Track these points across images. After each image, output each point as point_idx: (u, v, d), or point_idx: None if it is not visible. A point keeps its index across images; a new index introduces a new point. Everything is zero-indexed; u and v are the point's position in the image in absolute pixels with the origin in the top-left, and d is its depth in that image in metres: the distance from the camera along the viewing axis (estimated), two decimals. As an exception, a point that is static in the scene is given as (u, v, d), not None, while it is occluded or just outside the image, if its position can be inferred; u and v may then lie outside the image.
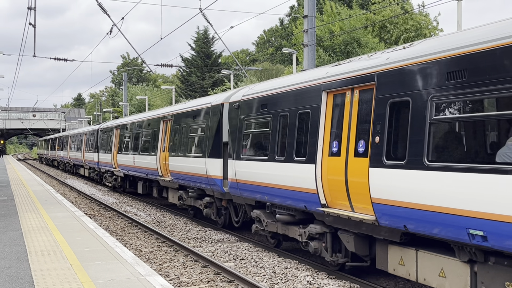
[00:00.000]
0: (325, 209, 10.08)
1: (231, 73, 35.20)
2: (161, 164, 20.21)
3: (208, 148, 15.54)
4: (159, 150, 20.44)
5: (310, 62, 19.42)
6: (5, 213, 15.74)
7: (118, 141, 28.06)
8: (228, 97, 15.09)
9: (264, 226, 12.80)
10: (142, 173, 23.14)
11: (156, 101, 67.34)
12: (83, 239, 11.51)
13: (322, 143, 10.23)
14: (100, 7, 21.38)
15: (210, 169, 15.32)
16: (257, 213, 13.12)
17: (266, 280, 10.46)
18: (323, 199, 10.22)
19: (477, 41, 7.16)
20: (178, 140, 18.42)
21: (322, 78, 10.50)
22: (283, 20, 73.69)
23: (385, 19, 40.37)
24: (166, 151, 19.72)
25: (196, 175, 16.42)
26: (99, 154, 32.93)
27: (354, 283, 10.06)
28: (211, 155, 15.34)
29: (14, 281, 7.94)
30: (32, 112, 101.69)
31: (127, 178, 27.65)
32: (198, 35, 66.60)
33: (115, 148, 28.62)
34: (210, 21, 24.76)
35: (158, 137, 20.76)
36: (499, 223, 6.54)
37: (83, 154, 39.12)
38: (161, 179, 20.29)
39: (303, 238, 11.19)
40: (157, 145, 20.77)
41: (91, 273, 8.45)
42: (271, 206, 12.47)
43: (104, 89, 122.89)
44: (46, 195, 21.67)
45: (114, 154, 28.66)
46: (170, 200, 20.34)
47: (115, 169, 28.68)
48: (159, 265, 11.87)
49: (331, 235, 10.49)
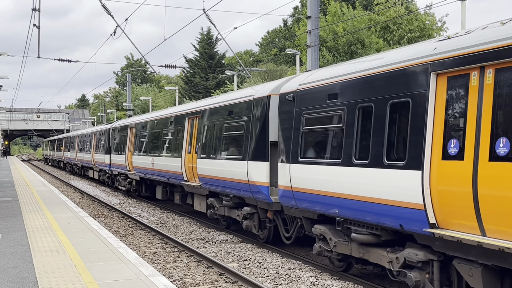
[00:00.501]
0: (436, 231, 7.63)
1: (234, 74, 35.21)
2: (187, 167, 17.87)
3: (249, 149, 13.23)
4: (184, 151, 18.11)
5: (314, 62, 19.42)
6: (9, 214, 15.79)
7: (133, 141, 25.82)
8: (276, 88, 12.73)
9: (332, 247, 10.27)
10: (163, 177, 20.71)
11: (159, 102, 67.42)
12: (87, 240, 11.53)
13: (431, 143, 7.85)
14: (104, 8, 21.44)
15: (253, 174, 12.97)
16: (320, 230, 10.61)
17: (269, 281, 10.45)
18: (432, 218, 7.74)
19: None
20: (208, 140, 16.07)
21: (429, 56, 8.03)
22: (286, 21, 73.69)
23: (389, 19, 40.34)
24: (193, 152, 17.43)
25: (233, 180, 14.11)
26: (111, 156, 30.65)
27: (358, 284, 10.04)
28: (253, 157, 13.06)
29: (18, 282, 7.96)
30: (36, 113, 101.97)
31: (143, 181, 25.28)
32: (202, 36, 66.72)
33: (130, 149, 26.38)
34: (214, 22, 24.79)
35: (183, 137, 18.41)
36: None
37: (93, 155, 36.99)
38: (186, 184, 17.88)
39: (394, 266, 8.75)
40: (181, 146, 18.46)
41: (95, 273, 8.47)
42: (342, 222, 9.92)
43: (108, 90, 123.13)
44: (50, 196, 21.72)
45: (128, 155, 26.39)
46: (197, 208, 17.90)
47: (129, 172, 26.33)
48: (163, 265, 11.88)
49: (440, 264, 8.01)
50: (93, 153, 36.83)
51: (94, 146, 36.91)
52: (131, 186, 26.92)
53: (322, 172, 10.33)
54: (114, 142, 30.47)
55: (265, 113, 12.72)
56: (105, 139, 32.87)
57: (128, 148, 26.62)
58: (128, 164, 26.47)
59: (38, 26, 21.92)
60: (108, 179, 33.41)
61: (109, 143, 31.64)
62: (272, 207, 12.58)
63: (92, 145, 37.45)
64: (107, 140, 32.21)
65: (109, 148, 31.44)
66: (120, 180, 29.14)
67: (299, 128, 11.23)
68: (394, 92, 8.62)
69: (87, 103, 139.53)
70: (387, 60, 9.00)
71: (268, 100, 12.74)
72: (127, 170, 26.81)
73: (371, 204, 8.90)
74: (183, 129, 18.48)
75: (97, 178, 37.30)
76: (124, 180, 28.11)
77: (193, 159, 17.33)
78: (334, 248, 10.21)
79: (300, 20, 52.41)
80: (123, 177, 28.54)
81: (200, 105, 17.66)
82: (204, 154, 16.27)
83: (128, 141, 26.87)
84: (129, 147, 26.60)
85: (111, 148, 30.89)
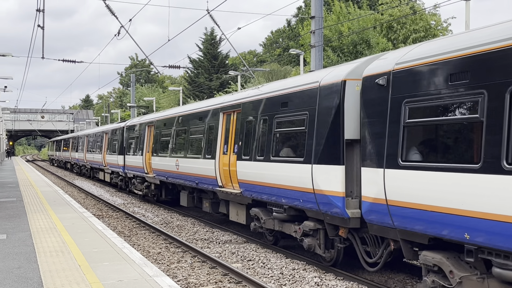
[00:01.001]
0: None
1: (238, 74, 35.23)
2: (222, 171, 15.38)
3: (315, 150, 10.59)
4: (219, 152, 15.62)
5: (318, 63, 19.41)
6: (14, 214, 15.83)
7: (152, 140, 23.07)
8: (354, 70, 10.11)
9: (455, 284, 7.58)
10: (190, 181, 18.02)
11: (162, 103, 67.53)
12: (91, 240, 11.55)
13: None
14: (108, 9, 21.48)
15: (320, 181, 10.40)
16: (434, 259, 7.94)
17: (273, 281, 10.45)
18: None
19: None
20: (253, 138, 13.45)
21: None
22: (290, 21, 73.68)
23: (393, 19, 40.29)
24: (230, 153, 14.89)
25: (290, 188, 11.52)
26: (126, 156, 28.03)
27: (362, 284, 10.03)
28: (321, 159, 10.40)
29: (23, 282, 7.98)
30: (40, 114, 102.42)
31: (163, 185, 22.74)
32: (205, 37, 66.82)
33: (148, 149, 23.74)
34: (218, 22, 24.79)
35: (217, 135, 15.87)
36: None
37: (104, 156, 34.22)
38: (221, 191, 15.33)
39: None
40: (215, 146, 15.91)
41: (99, 273, 8.48)
42: (476, 251, 7.25)
43: (112, 90, 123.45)
44: (55, 196, 21.76)
45: (146, 156, 23.82)
46: (233, 219, 15.41)
47: (147, 175, 23.56)
48: (167, 266, 11.89)
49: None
50: (104, 154, 34.32)
51: (105, 146, 34.29)
52: (149, 190, 24.21)
53: (443, 182, 7.59)
54: (129, 141, 27.84)
55: (338, 103, 10.04)
56: (118, 138, 30.12)
57: (146, 149, 24.01)
58: (146, 166, 23.95)
59: (43, 26, 21.98)
60: (121, 181, 30.60)
61: (123, 143, 28.95)
62: (348, 223, 9.88)
63: (103, 145, 34.85)
64: (120, 139, 29.49)
65: (123, 148, 28.75)
66: (136, 183, 26.32)
67: (398, 122, 8.55)
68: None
69: (91, 103, 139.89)
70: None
71: (342, 86, 10.08)
72: (144, 172, 24.17)
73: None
74: (217, 125, 15.91)
75: (108, 181, 34.64)
76: (141, 183, 25.44)
77: (230, 161, 14.79)
78: (459, 286, 7.52)
79: (304, 20, 52.40)
80: (139, 180, 25.77)
81: (240, 97, 14.89)
82: (247, 156, 13.65)
83: (146, 141, 24.17)
84: (147, 147, 23.96)
85: (126, 148, 28.30)
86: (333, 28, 38.79)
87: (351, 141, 9.95)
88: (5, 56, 32.59)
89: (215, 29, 65.76)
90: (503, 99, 6.74)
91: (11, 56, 32.62)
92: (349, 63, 11.12)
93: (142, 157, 24.27)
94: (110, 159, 32.16)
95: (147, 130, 24.20)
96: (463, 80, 7.44)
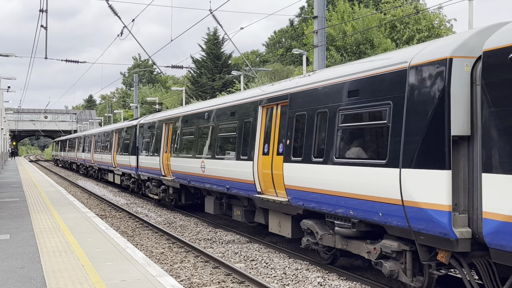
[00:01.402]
0: None
1: (241, 74, 35.22)
2: (261, 174, 13.24)
3: (405, 150, 8.28)
4: (257, 152, 13.43)
5: (321, 62, 19.41)
6: (17, 214, 15.86)
7: (171, 139, 20.81)
8: (464, 45, 7.78)
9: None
10: (219, 186, 15.74)
11: (166, 103, 67.60)
12: (95, 240, 11.56)
13: None
14: (110, 9, 21.49)
15: (413, 190, 8.11)
16: None
17: (276, 281, 10.44)
18: None
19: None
20: (306, 135, 11.13)
21: None
22: (293, 21, 73.68)
23: (396, 18, 40.27)
24: (272, 153, 12.71)
25: (364, 198, 9.19)
26: (139, 157, 25.60)
27: (365, 284, 10.01)
28: (415, 162, 8.11)
29: (26, 282, 7.99)
30: (43, 114, 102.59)
31: (183, 189, 20.50)
32: (208, 37, 66.91)
33: (165, 149, 21.40)
34: (220, 22, 24.81)
35: (255, 132, 13.65)
36: None
37: (114, 156, 31.80)
38: (260, 198, 13.12)
39: None
40: (252, 145, 13.67)
41: (103, 273, 8.48)
42: None
43: (115, 90, 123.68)
44: (58, 196, 21.80)
45: (164, 157, 21.46)
46: (274, 231, 13.15)
47: (165, 177, 21.26)
48: (170, 266, 11.89)
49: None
50: (114, 154, 31.84)
51: (115, 146, 31.88)
52: (167, 194, 21.79)
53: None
54: (143, 140, 25.18)
55: (442, 88, 7.75)
56: (130, 137, 27.73)
57: (164, 148, 21.56)
58: (164, 167, 21.52)
59: (46, 27, 22.01)
60: (133, 184, 28.25)
61: (135, 143, 26.54)
62: (455, 246, 7.61)
63: (113, 144, 32.40)
64: (133, 139, 27.19)
65: (136, 148, 26.37)
66: (151, 187, 23.95)
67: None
68: None
69: (94, 103, 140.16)
70: None
71: (447, 66, 7.74)
72: (161, 175, 21.73)
73: None
74: (255, 122, 13.70)
75: (118, 183, 32.19)
76: (157, 187, 23.17)
77: (274, 163, 12.56)
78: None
79: (307, 20, 52.39)
80: (155, 183, 23.49)
81: (285, 86, 12.56)
82: (297, 157, 11.39)
83: (163, 140, 21.75)
84: (164, 146, 21.53)
85: (139, 148, 25.77)
86: (337, 27, 38.78)
87: (458, 138, 7.72)
88: (8, 56, 32.67)
89: (218, 29, 66.00)
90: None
91: (14, 57, 32.71)
92: (450, 37, 8.69)
93: (159, 158, 21.85)
94: (121, 160, 29.97)
95: (164, 128, 21.81)
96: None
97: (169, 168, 20.74)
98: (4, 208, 17.34)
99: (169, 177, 20.64)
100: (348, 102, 9.81)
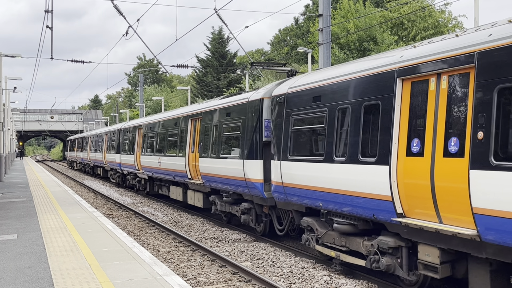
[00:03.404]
0: None
1: (246, 73, 35.21)
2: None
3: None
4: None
5: (326, 60, 19.37)
6: (24, 214, 15.93)
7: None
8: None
9: None
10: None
11: (174, 102, 67.68)
12: (101, 240, 11.60)
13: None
14: (116, 9, 21.51)
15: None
16: None
17: (283, 280, 10.44)
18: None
19: None
20: None
21: None
22: (298, 19, 73.52)
23: (402, 15, 40.14)
24: None
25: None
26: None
27: (372, 282, 10.00)
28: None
29: (34, 281, 8.03)
30: (50, 114, 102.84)
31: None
32: (213, 36, 66.90)
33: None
34: (225, 21, 24.79)
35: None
36: None
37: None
38: None
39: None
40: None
41: (110, 273, 8.51)
42: None
43: (120, 90, 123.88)
44: (65, 196, 21.88)
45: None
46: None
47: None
48: (177, 265, 11.92)
49: None
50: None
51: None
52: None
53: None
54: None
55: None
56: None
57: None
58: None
59: (51, 27, 22.06)
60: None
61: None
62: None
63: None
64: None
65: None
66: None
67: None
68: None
69: (100, 103, 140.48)
70: None
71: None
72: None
73: None
74: None
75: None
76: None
77: None
78: None
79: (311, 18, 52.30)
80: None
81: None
82: None
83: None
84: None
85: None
86: (340, 25, 38.70)
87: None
88: (14, 57, 32.80)
89: (223, 28, 65.94)
90: None
91: (20, 57, 32.82)
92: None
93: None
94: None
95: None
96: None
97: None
98: (12, 208, 17.43)
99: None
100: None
